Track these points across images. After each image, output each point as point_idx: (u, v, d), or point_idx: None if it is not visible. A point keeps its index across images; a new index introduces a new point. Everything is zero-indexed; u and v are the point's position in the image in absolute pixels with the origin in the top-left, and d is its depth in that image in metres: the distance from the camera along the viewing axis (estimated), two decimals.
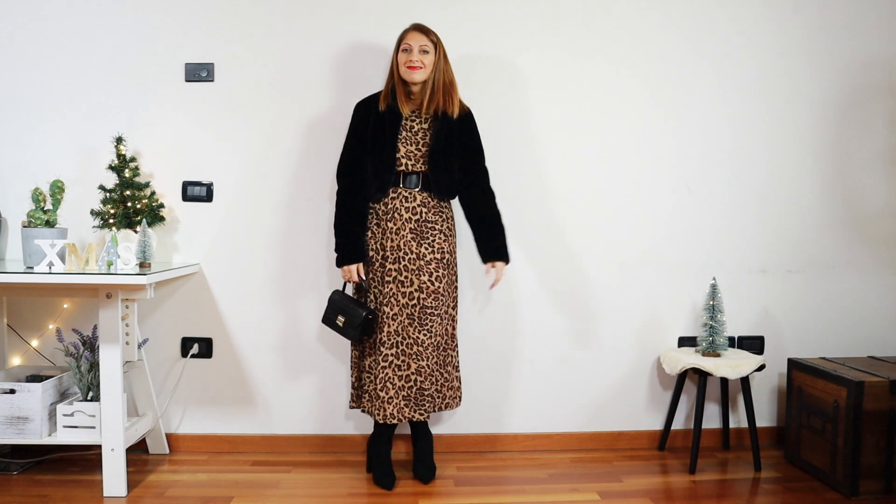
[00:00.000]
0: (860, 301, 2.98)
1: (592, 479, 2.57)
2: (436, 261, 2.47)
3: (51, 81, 2.75)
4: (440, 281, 2.47)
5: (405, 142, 2.47)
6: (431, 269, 2.46)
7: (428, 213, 2.48)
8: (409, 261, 2.44)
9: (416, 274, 2.44)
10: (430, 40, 2.44)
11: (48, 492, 2.39)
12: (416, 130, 2.48)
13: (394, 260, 2.45)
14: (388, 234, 2.46)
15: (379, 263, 2.47)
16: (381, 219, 2.48)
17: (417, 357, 2.42)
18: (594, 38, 2.84)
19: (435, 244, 2.48)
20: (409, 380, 2.42)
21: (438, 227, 2.50)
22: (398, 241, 2.45)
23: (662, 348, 2.90)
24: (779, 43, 2.89)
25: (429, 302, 2.44)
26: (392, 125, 2.46)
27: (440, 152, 2.47)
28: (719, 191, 2.91)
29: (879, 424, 2.42)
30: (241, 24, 2.77)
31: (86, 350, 2.52)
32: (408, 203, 2.47)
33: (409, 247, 2.45)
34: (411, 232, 2.45)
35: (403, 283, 2.44)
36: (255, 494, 2.40)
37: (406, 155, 2.46)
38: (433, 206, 2.50)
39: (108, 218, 2.64)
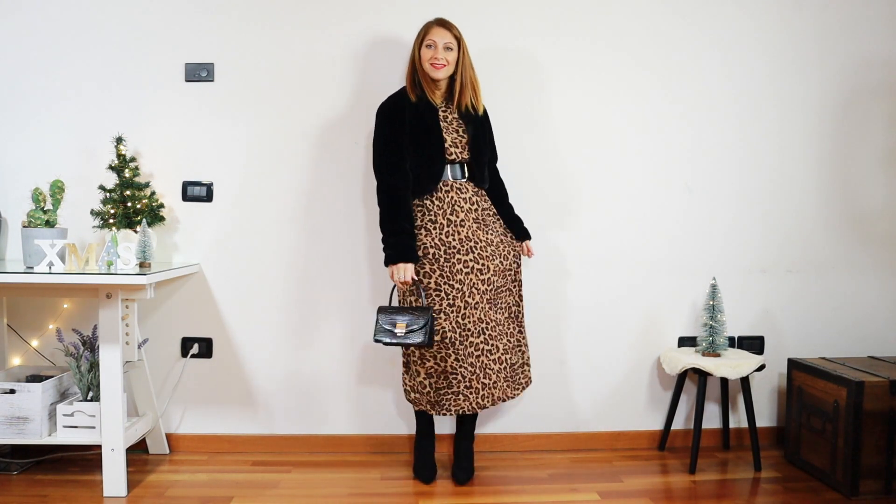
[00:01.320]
0: (860, 301, 2.98)
1: (592, 479, 2.57)
2: (503, 243, 2.55)
3: (51, 81, 2.75)
4: (507, 259, 2.55)
5: (448, 131, 2.46)
6: (503, 252, 2.53)
7: (481, 200, 2.53)
8: (482, 248, 2.45)
9: (490, 260, 2.46)
10: (454, 36, 2.43)
11: (48, 492, 2.39)
12: (451, 121, 2.49)
13: (467, 251, 2.43)
14: (452, 226, 2.43)
15: (444, 259, 2.42)
16: (439, 213, 2.44)
17: (500, 336, 2.48)
18: (607, 33, 2.84)
19: (497, 229, 2.56)
20: (502, 361, 2.47)
21: (492, 212, 2.57)
22: (465, 231, 2.44)
23: (662, 348, 2.90)
24: (779, 43, 2.89)
25: (500, 282, 2.50)
26: (431, 115, 2.45)
27: (480, 142, 2.51)
28: (720, 191, 2.91)
29: (879, 424, 2.42)
30: (241, 24, 2.77)
31: (86, 350, 2.52)
32: (464, 194, 2.47)
33: (478, 236, 2.46)
34: (475, 222, 2.47)
35: (482, 271, 2.44)
36: (255, 494, 2.40)
37: (453, 143, 2.46)
38: (483, 193, 2.55)
39: (108, 218, 2.64)
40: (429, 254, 2.42)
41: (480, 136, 2.51)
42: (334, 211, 2.80)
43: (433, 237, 2.43)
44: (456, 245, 2.43)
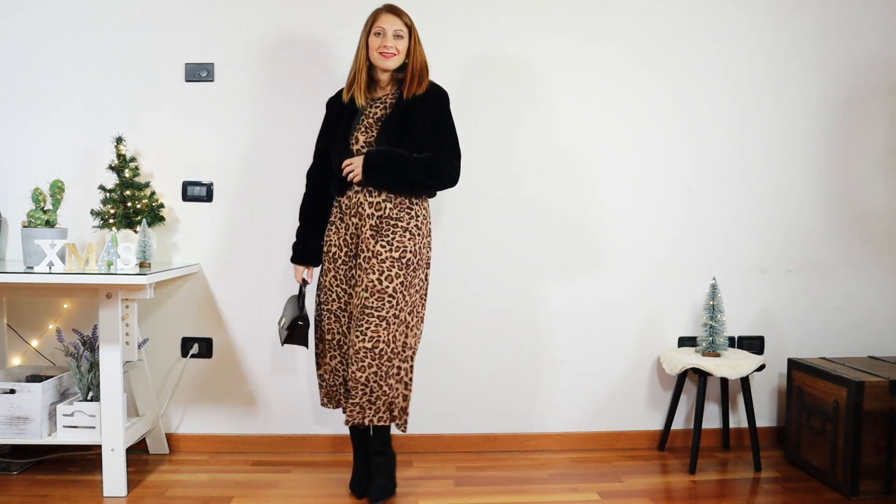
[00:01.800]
0: (860, 301, 2.98)
1: (592, 479, 2.57)
2: (391, 259, 2.26)
3: (51, 81, 2.75)
4: (391, 281, 2.26)
5: (364, 131, 2.32)
6: (384, 268, 2.26)
7: (393, 208, 2.30)
8: (365, 259, 2.28)
9: (366, 272, 2.27)
10: (405, 23, 2.30)
11: (48, 492, 2.39)
12: (380, 118, 2.32)
13: (364, 259, 2.29)
14: (351, 229, 2.33)
15: (342, 261, 2.35)
16: (346, 213, 2.34)
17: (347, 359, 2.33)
18: (606, 33, 2.84)
19: (394, 241, 2.28)
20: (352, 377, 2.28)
21: (403, 223, 2.30)
22: (361, 237, 2.30)
23: (662, 348, 2.90)
24: (779, 42, 2.89)
25: (371, 302, 2.24)
26: (349, 115, 2.34)
27: (388, 138, 2.28)
28: (720, 191, 2.91)
29: (879, 424, 2.42)
30: (241, 24, 2.77)
31: (86, 350, 2.52)
32: (371, 197, 2.30)
33: (368, 244, 2.28)
34: (371, 228, 2.28)
35: (359, 281, 2.29)
36: (255, 494, 2.40)
37: (366, 144, 2.30)
38: (399, 201, 2.31)
39: (108, 218, 2.64)
40: (333, 254, 2.36)
41: (402, 128, 2.28)
42: None
43: (339, 237, 2.36)
44: (353, 248, 2.34)
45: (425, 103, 2.31)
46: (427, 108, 2.31)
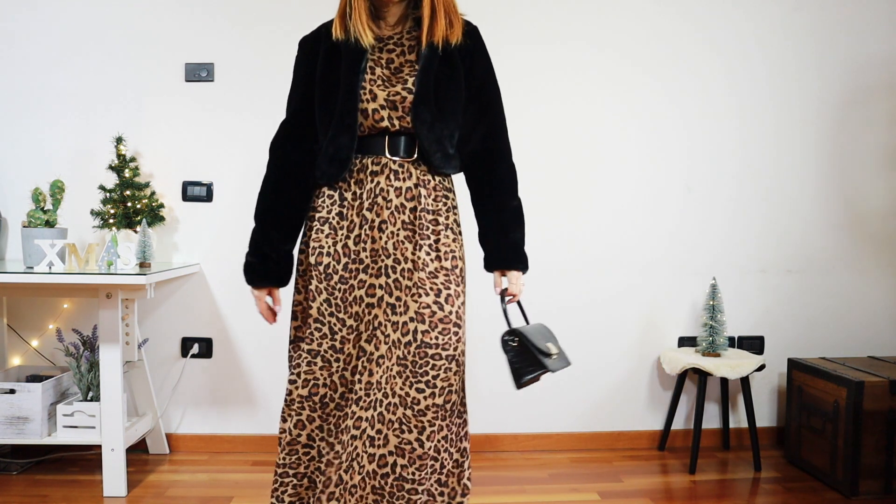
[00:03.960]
0: (860, 301, 2.98)
1: (592, 479, 2.57)
2: (445, 271, 1.62)
3: (51, 81, 2.75)
4: (453, 304, 1.60)
5: (383, 84, 1.60)
6: (439, 285, 1.60)
7: (428, 196, 1.63)
8: (402, 273, 1.60)
9: (412, 294, 1.59)
10: None
11: (48, 492, 2.39)
12: (399, 66, 1.62)
13: (379, 271, 1.61)
14: (364, 228, 1.61)
15: (339, 278, 1.61)
16: (352, 206, 1.62)
17: (405, 427, 1.57)
18: (604, 34, 2.84)
19: (441, 247, 1.63)
20: (386, 462, 1.58)
21: (442, 218, 1.65)
22: (385, 240, 1.60)
23: (662, 348, 2.90)
24: (779, 42, 2.89)
25: (432, 338, 1.58)
26: (352, 59, 1.60)
27: (431, 98, 1.60)
28: (720, 191, 2.91)
29: (879, 424, 2.42)
30: (241, 24, 2.77)
31: (86, 350, 2.52)
32: (399, 181, 1.61)
33: (402, 250, 1.60)
34: (405, 227, 1.61)
35: (395, 307, 1.59)
36: (255, 494, 2.40)
37: (388, 103, 1.59)
38: (434, 185, 1.65)
39: (108, 218, 2.64)
40: (322, 263, 1.62)
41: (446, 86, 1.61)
42: None
43: (334, 240, 1.63)
44: (362, 258, 1.61)
45: (467, 51, 1.65)
46: (473, 60, 1.67)
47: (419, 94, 1.58)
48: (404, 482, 1.58)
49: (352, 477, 1.59)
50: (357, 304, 1.61)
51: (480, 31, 1.70)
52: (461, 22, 1.64)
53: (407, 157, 1.62)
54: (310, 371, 1.64)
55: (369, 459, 1.58)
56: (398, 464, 1.58)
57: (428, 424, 1.57)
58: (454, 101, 1.63)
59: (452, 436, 1.64)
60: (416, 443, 1.57)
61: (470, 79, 1.66)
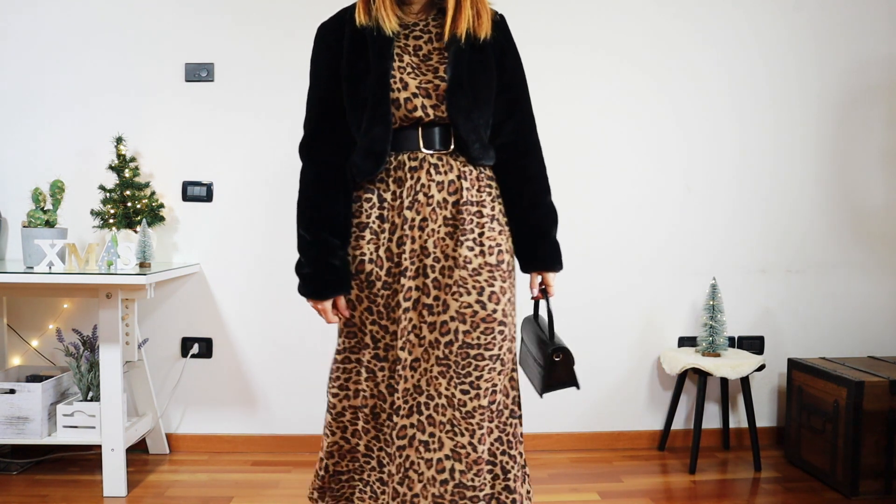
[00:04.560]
0: (860, 301, 2.98)
1: (592, 479, 2.57)
2: (490, 267, 1.54)
3: (51, 81, 2.75)
4: (498, 302, 1.53)
5: (413, 72, 1.52)
6: (482, 283, 1.52)
7: (471, 188, 1.55)
8: (442, 271, 1.53)
9: (452, 293, 1.52)
10: None
11: (48, 492, 2.39)
12: (427, 53, 1.54)
13: (416, 271, 1.53)
14: (405, 229, 1.53)
15: (382, 284, 1.55)
16: (391, 206, 1.55)
17: (456, 430, 1.53)
18: (603, 34, 2.84)
19: (486, 241, 1.55)
20: (444, 468, 1.53)
21: (487, 209, 1.57)
22: (424, 238, 1.53)
23: (662, 348, 2.90)
24: (778, 42, 2.89)
25: (474, 338, 1.51)
26: (380, 45, 1.52)
27: (466, 85, 1.52)
28: (719, 190, 2.91)
29: (879, 424, 2.42)
30: (241, 24, 2.77)
31: (86, 350, 2.52)
32: (440, 174, 1.53)
33: (443, 247, 1.53)
34: (446, 223, 1.54)
35: (431, 308, 1.53)
36: (255, 494, 2.40)
37: (420, 91, 1.52)
38: (477, 175, 1.57)
39: (108, 218, 2.64)
40: (365, 270, 1.55)
41: (480, 74, 1.55)
42: None
43: (377, 245, 1.55)
44: (402, 262, 1.54)
45: (497, 42, 1.59)
46: (503, 52, 1.61)
47: (454, 81, 1.50)
48: (465, 489, 1.51)
49: (410, 487, 1.54)
50: (397, 309, 1.54)
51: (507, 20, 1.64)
52: (489, 13, 1.57)
53: (443, 150, 1.54)
54: (357, 381, 1.60)
55: (427, 465, 1.53)
56: (456, 469, 1.52)
57: (477, 427, 1.51)
58: (488, 89, 1.56)
59: (509, 437, 1.58)
60: (470, 447, 1.51)
61: (500, 70, 1.59)
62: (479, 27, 1.53)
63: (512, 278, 1.60)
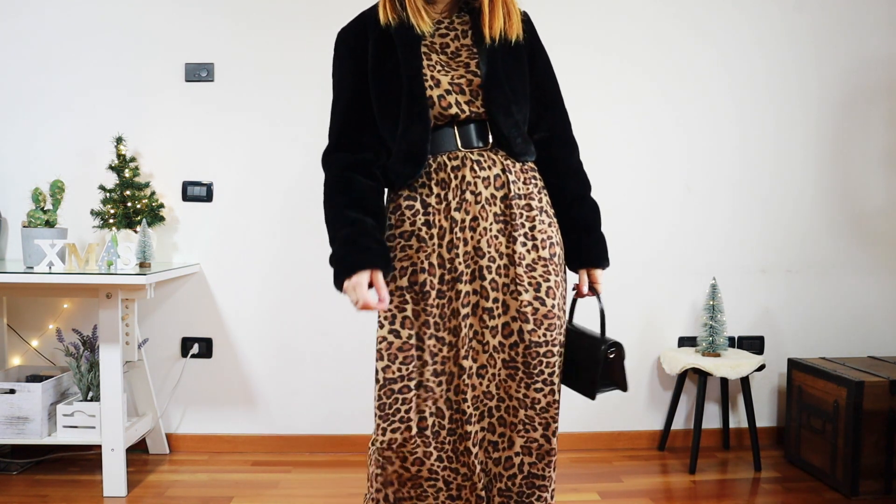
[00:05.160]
0: (860, 301, 2.98)
1: (592, 479, 2.57)
2: (543, 262, 1.50)
3: (51, 82, 2.75)
4: (553, 296, 1.50)
5: (441, 68, 1.48)
6: (537, 278, 1.49)
7: (518, 181, 1.50)
8: (498, 271, 1.47)
9: (510, 291, 1.47)
10: None
11: (48, 492, 2.39)
12: (456, 50, 1.50)
13: (472, 274, 1.47)
14: (455, 231, 1.46)
15: (437, 291, 1.46)
16: (438, 209, 1.47)
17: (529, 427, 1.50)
18: (603, 35, 2.84)
19: (538, 234, 1.50)
20: (512, 463, 1.51)
21: (535, 202, 1.52)
22: (476, 238, 1.46)
23: (662, 348, 2.90)
24: (778, 42, 2.89)
25: (539, 335, 1.48)
26: (408, 43, 1.47)
27: (503, 80, 1.48)
28: (720, 191, 2.91)
29: (879, 424, 2.42)
30: (241, 24, 2.77)
31: (86, 350, 2.52)
32: (484, 170, 1.48)
33: (497, 246, 1.48)
34: (497, 220, 1.48)
35: (492, 311, 1.47)
36: (255, 494, 2.40)
37: (454, 87, 1.47)
38: (521, 168, 1.52)
39: (108, 218, 2.64)
40: (417, 283, 1.47)
41: (514, 69, 1.51)
42: None
43: (425, 252, 1.47)
44: (456, 266, 1.46)
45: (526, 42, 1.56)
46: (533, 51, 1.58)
47: (489, 77, 1.46)
48: (535, 479, 1.51)
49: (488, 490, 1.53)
50: (455, 317, 1.46)
51: None
52: (519, 14, 1.53)
53: (483, 146, 1.49)
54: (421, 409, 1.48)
55: (494, 463, 1.52)
56: (525, 462, 1.51)
57: (552, 420, 1.51)
58: (523, 85, 1.52)
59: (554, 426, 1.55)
60: (543, 439, 1.50)
61: (532, 68, 1.56)
62: (510, 28, 1.50)
63: (564, 272, 1.57)
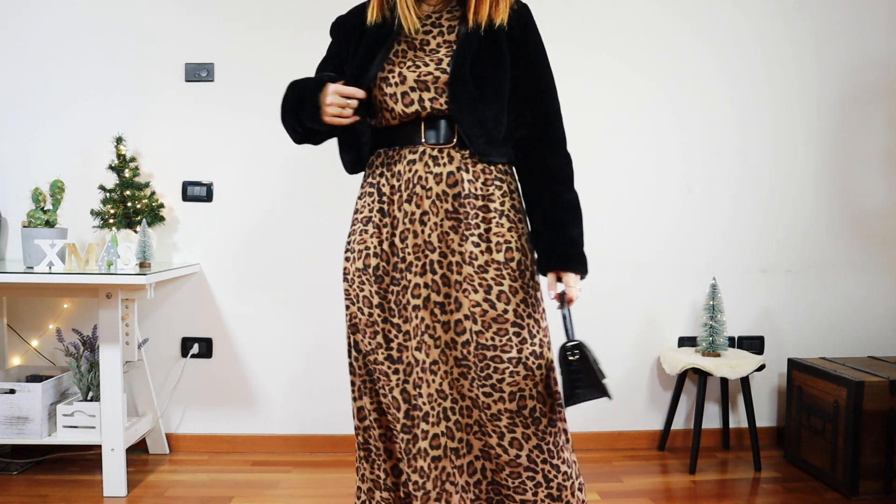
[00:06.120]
0: (860, 301, 2.98)
1: (592, 479, 2.57)
2: (497, 265, 1.47)
3: (51, 81, 2.75)
4: (508, 301, 1.47)
5: (411, 64, 1.49)
6: (489, 280, 1.47)
7: (475, 181, 1.49)
8: (450, 267, 1.48)
9: (462, 290, 1.47)
10: None
11: (48, 492, 2.39)
12: (436, 47, 1.51)
13: (423, 268, 1.48)
14: (406, 223, 1.49)
15: (391, 277, 1.51)
16: (391, 200, 1.51)
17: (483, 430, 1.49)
18: (602, 35, 2.84)
19: (493, 237, 1.49)
20: (475, 469, 1.51)
21: (497, 204, 1.50)
22: (427, 232, 1.48)
23: (662, 348, 2.90)
24: (778, 42, 2.89)
25: (487, 339, 1.46)
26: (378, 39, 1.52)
27: (468, 77, 1.47)
28: (720, 190, 2.91)
29: (879, 424, 2.42)
30: (241, 24, 2.77)
31: (86, 350, 2.52)
32: (438, 166, 1.48)
33: (449, 243, 1.48)
34: (449, 217, 1.48)
35: (443, 306, 1.48)
36: (255, 494, 2.40)
37: (418, 84, 1.48)
38: (483, 169, 1.50)
39: (108, 218, 2.64)
40: (370, 265, 1.52)
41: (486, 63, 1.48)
42: (336, 210, 2.80)
43: (378, 238, 1.51)
44: (406, 256, 1.49)
45: (514, 32, 1.52)
46: (522, 42, 1.53)
47: (455, 74, 1.45)
48: (500, 486, 1.48)
49: (448, 501, 1.49)
50: (408, 307, 1.48)
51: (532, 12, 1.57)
52: (508, 1, 1.51)
53: (446, 143, 1.49)
54: (377, 381, 1.55)
55: (459, 472, 1.49)
56: (487, 468, 1.49)
57: (506, 430, 1.45)
58: (496, 82, 1.49)
59: (550, 446, 1.49)
60: (499, 448, 1.46)
61: (518, 61, 1.52)
62: (495, 13, 1.48)
63: (527, 279, 1.51)
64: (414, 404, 1.49)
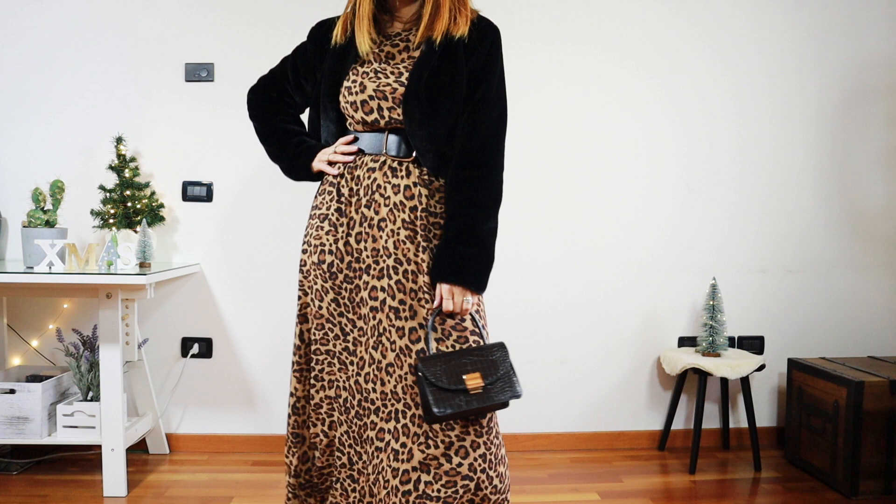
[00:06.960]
0: (860, 301, 2.98)
1: (592, 479, 2.57)
2: None
3: (51, 81, 2.75)
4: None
5: (373, 74, 1.54)
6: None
7: (430, 198, 1.55)
8: (405, 275, 1.51)
9: (417, 298, 1.51)
10: None
11: (48, 492, 2.39)
12: (401, 61, 1.56)
13: (380, 272, 1.52)
14: (364, 226, 1.54)
15: (344, 276, 1.56)
16: (349, 202, 1.57)
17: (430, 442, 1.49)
18: (602, 35, 2.84)
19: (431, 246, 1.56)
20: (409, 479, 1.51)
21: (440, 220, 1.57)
22: (384, 238, 1.52)
23: (662, 348, 2.90)
24: (779, 42, 2.89)
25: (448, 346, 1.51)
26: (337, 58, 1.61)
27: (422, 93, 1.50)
28: (719, 191, 2.91)
29: (879, 424, 2.42)
30: (241, 24, 2.77)
31: (86, 350, 2.52)
32: (397, 178, 1.54)
33: (406, 252, 1.52)
34: (406, 227, 1.52)
35: (398, 311, 1.51)
36: (255, 494, 2.40)
37: (377, 93, 1.53)
38: (438, 187, 1.56)
39: (108, 218, 2.64)
40: (325, 262, 1.57)
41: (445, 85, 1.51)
42: None
43: (334, 236, 1.57)
44: (363, 258, 1.54)
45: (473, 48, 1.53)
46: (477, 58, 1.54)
47: (410, 88, 1.50)
48: (427, 500, 1.47)
49: (378, 490, 1.53)
50: (363, 305, 1.53)
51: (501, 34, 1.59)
52: (468, 17, 1.53)
53: (405, 157, 1.55)
54: (331, 372, 1.61)
55: (393, 474, 1.50)
56: (422, 480, 1.47)
57: (457, 440, 1.46)
58: (450, 98, 1.50)
59: (492, 457, 1.48)
60: (444, 458, 1.46)
61: (470, 76, 1.53)
62: (454, 28, 1.52)
63: None
64: (366, 397, 1.55)
